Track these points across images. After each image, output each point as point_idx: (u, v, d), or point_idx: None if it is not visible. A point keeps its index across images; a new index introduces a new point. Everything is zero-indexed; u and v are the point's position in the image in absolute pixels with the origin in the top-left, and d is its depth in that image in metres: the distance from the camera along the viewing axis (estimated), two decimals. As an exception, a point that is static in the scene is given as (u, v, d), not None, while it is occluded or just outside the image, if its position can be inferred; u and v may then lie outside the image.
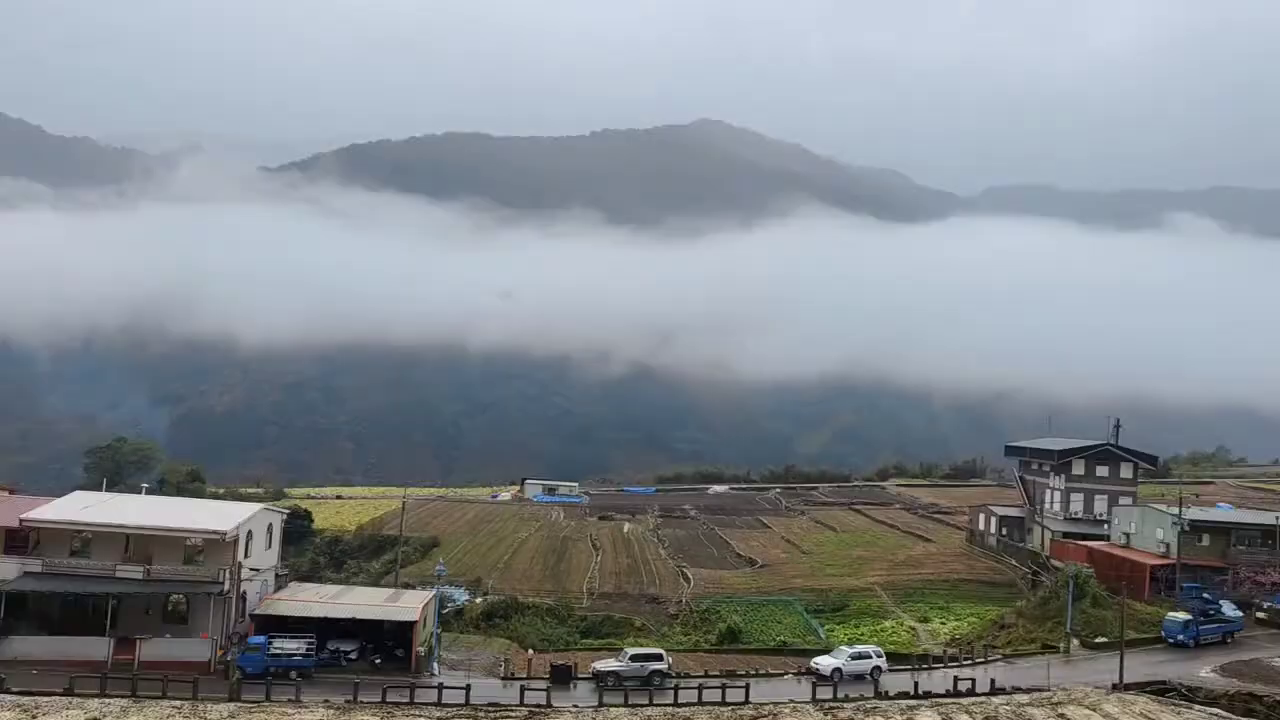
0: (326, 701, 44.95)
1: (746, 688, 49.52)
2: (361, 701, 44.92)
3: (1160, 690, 48.17)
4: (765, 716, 41.07)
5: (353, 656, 55.36)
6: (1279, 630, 63.66)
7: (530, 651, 66.21)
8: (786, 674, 57.06)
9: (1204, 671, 53.20)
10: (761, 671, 57.73)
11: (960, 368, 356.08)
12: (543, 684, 50.82)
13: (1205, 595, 66.76)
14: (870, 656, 56.29)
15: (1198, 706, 44.36)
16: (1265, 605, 67.19)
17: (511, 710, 44.72)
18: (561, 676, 53.70)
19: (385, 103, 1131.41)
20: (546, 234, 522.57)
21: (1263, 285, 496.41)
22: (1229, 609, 64.34)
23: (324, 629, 55.06)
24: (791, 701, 46.02)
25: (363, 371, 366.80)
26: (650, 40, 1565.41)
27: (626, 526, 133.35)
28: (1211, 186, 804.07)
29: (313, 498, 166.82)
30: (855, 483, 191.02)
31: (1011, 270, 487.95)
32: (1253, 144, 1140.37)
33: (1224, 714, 43.22)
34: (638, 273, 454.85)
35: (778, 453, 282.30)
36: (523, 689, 48.98)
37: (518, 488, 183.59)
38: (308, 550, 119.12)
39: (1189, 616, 61.36)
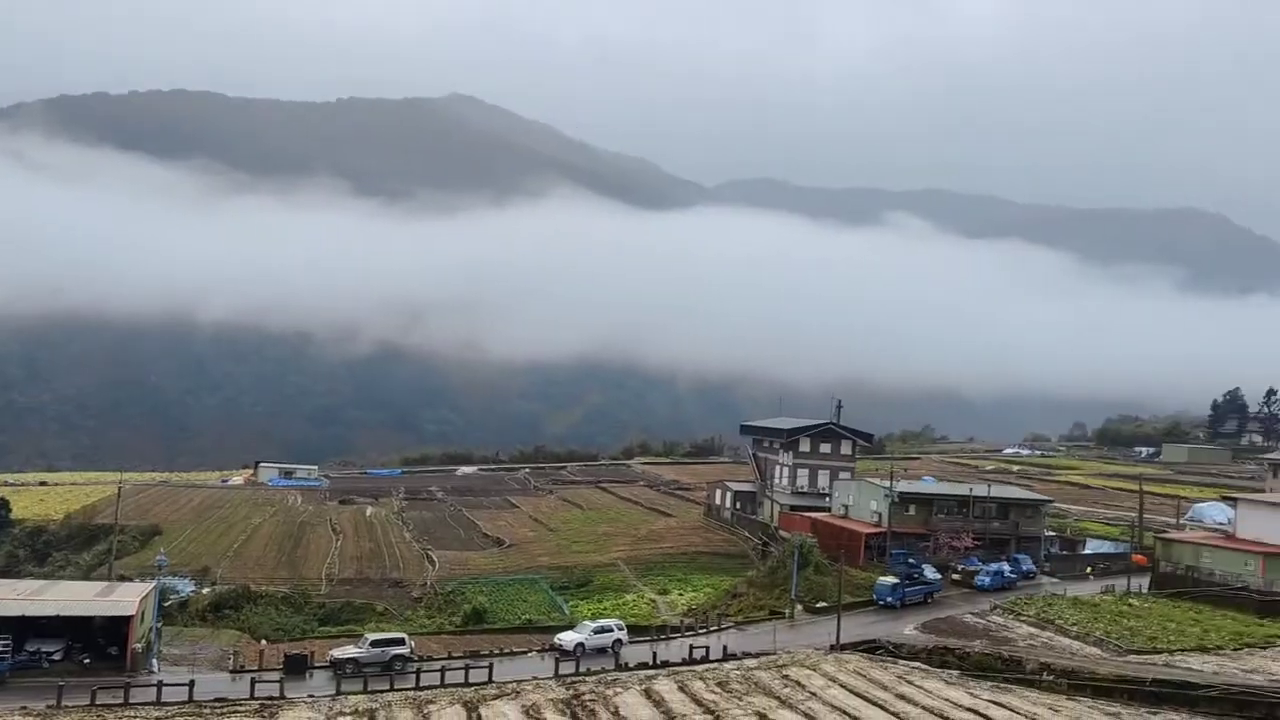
0: (24, 708, 40.74)
1: (490, 667, 49.49)
2: (66, 706, 41.05)
3: (871, 648, 52.60)
4: (509, 694, 41.28)
5: (56, 657, 50.38)
6: (970, 589, 71.22)
7: (263, 642, 62.99)
8: (531, 651, 57.55)
9: (908, 629, 58.66)
10: (506, 650, 57.90)
11: (703, 351, 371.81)
12: (276, 675, 48.50)
13: (910, 560, 73.49)
14: (612, 630, 57.80)
15: (902, 661, 48.81)
16: (959, 567, 74.98)
17: (241, 705, 42.39)
18: (296, 666, 51.46)
19: (104, 56, 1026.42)
20: (287, 202, 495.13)
21: (967, 281, 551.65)
22: (930, 572, 71.20)
23: (22, 629, 49.77)
24: (535, 678, 46.50)
25: (73, 345, 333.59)
26: (402, 7, 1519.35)
27: (369, 510, 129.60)
28: (925, 188, 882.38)
29: (11, 484, 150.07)
30: (603, 462, 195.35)
31: (751, 259, 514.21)
32: (960, 150, 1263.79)
33: (924, 666, 47.81)
34: (387, 247, 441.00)
35: (528, 433, 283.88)
36: (254, 681, 46.54)
37: (251, 471, 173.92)
38: (3, 542, 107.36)
39: (897, 580, 67.36)
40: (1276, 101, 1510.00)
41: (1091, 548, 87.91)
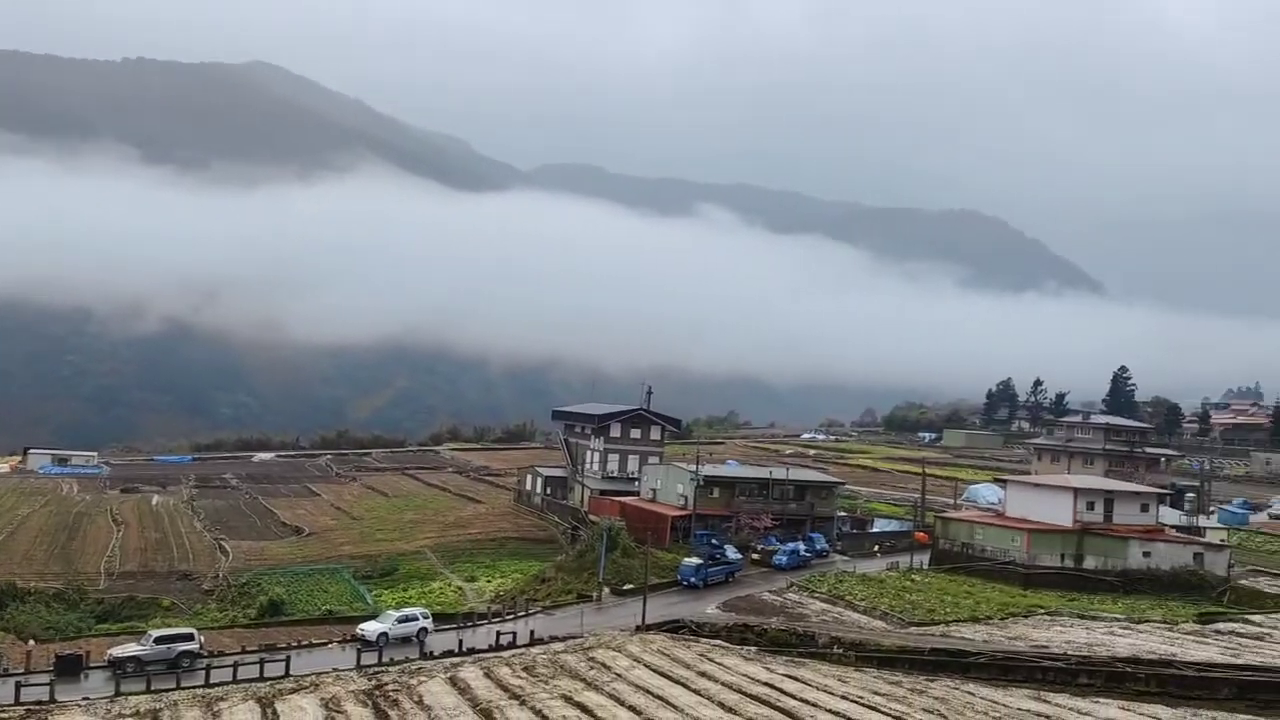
0: None
1: (287, 660, 47.61)
2: None
3: (675, 628, 54.02)
4: (307, 688, 39.80)
5: None
6: (769, 568, 74.30)
7: (31, 643, 58.14)
8: (332, 643, 55.77)
9: (710, 608, 60.60)
10: (305, 643, 55.85)
11: (516, 336, 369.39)
12: (45, 678, 44.89)
13: (714, 541, 75.88)
14: (417, 619, 56.83)
15: (704, 639, 50.36)
16: (759, 547, 78.10)
17: (4, 711, 38.96)
18: (69, 667, 47.82)
19: None
20: (66, 167, 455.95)
21: (771, 274, 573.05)
22: (732, 552, 73.78)
23: None
24: (335, 670, 45.03)
25: None
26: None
27: (155, 499, 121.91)
28: (734, 183, 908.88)
29: None
30: (410, 448, 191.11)
31: (565, 245, 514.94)
32: (767, 145, 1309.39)
33: (724, 643, 49.51)
34: (179, 219, 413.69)
35: (330, 418, 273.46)
36: (19, 685, 42.91)
37: (19, 458, 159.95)
38: None
39: (700, 561, 69.39)
40: (1050, 113, 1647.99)
41: (879, 527, 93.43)
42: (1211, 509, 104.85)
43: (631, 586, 66.21)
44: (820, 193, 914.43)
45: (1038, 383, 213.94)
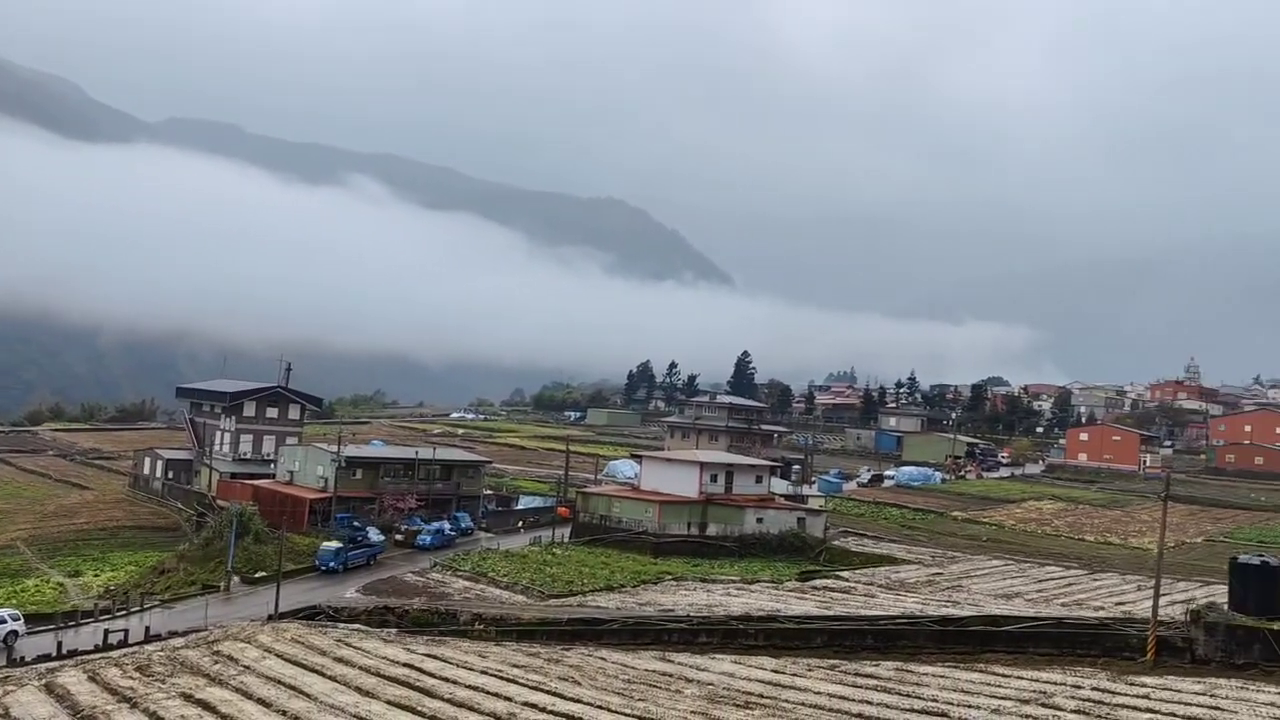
0: None
1: None
2: None
3: (311, 614, 51.91)
4: None
5: None
6: (413, 549, 73.47)
7: None
8: (-111, 657, 47.64)
9: (350, 592, 58.87)
10: None
11: (134, 304, 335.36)
12: None
13: (355, 524, 73.66)
14: (5, 621, 50.12)
15: (342, 625, 48.87)
16: (403, 528, 76.98)
17: None
18: None
19: None
20: None
21: (423, 251, 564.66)
22: (374, 534, 72.10)
23: None
24: (-106, 688, 38.53)
25: None
26: None
27: None
28: (384, 153, 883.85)
29: None
30: (2, 428, 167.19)
31: (197, 208, 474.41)
32: (419, 119, 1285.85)
33: (364, 627, 48.36)
34: None
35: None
36: None
37: None
38: None
39: (340, 545, 67.13)
40: (691, 112, 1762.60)
41: (524, 503, 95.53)
42: (813, 479, 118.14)
43: (265, 574, 62.66)
44: (473, 170, 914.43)
45: (673, 365, 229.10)
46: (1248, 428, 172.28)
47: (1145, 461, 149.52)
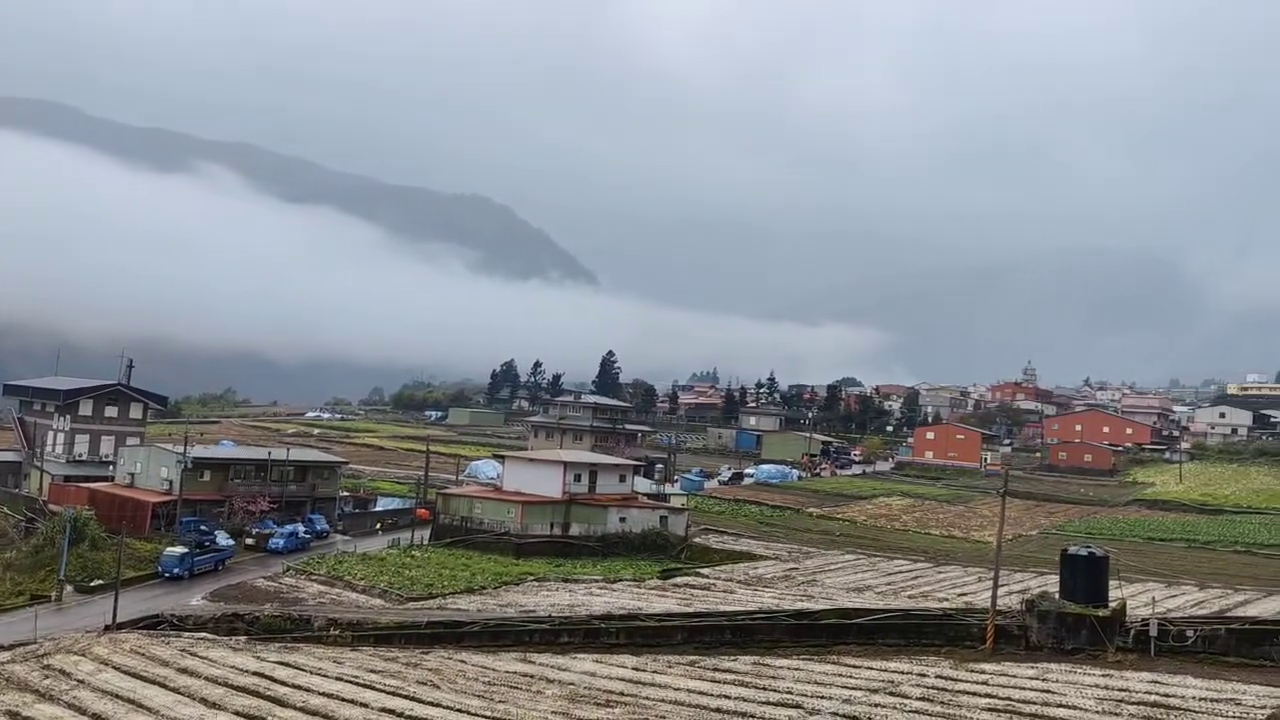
0: None
1: None
2: None
3: (153, 623, 49.34)
4: None
5: None
6: (263, 553, 70.72)
7: None
8: None
9: (195, 600, 56.21)
10: None
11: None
12: None
13: (203, 528, 70.43)
14: None
15: (187, 634, 46.65)
16: (254, 531, 74.01)
17: None
18: None
19: None
20: None
21: (280, 245, 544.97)
22: (223, 538, 69.02)
23: None
24: None
25: None
26: None
27: None
28: (238, 142, 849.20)
29: None
30: None
31: (31, 193, 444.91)
32: (274, 106, 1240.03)
33: (210, 636, 46.28)
34: None
35: None
36: None
37: None
38: None
39: (186, 550, 63.99)
40: (552, 109, 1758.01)
41: (383, 505, 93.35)
42: (676, 478, 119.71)
43: (102, 582, 59.22)
44: (331, 162, 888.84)
45: (537, 364, 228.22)
46: (1078, 427, 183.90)
47: (986, 459, 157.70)
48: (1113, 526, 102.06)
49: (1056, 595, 40.13)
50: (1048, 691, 31.62)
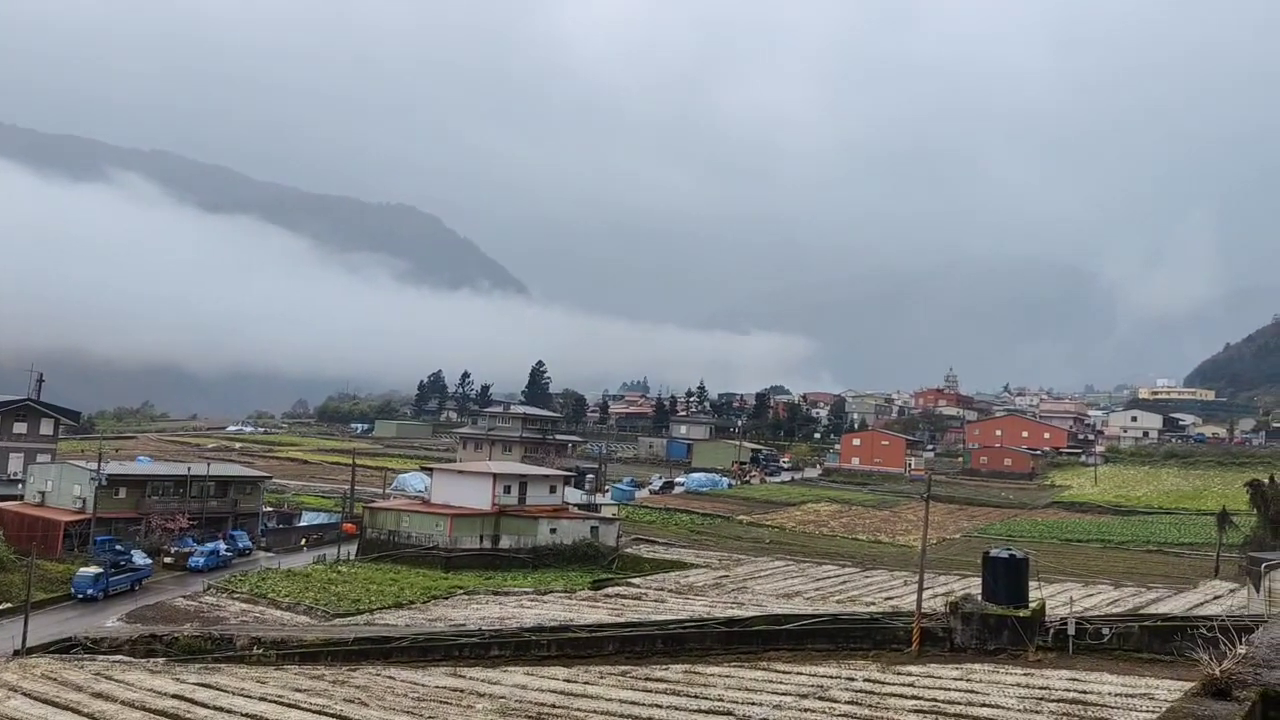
0: None
1: None
2: None
3: (66, 647, 47.63)
4: None
5: None
6: (183, 571, 68.76)
7: None
8: None
9: (111, 621, 54.38)
10: None
11: None
12: None
13: (119, 547, 68.23)
14: None
15: (101, 657, 45.13)
16: (172, 550, 71.91)
17: None
18: None
19: None
20: None
21: (200, 255, 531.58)
22: (140, 557, 66.93)
23: None
24: None
25: None
26: None
27: None
28: (154, 149, 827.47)
29: None
30: None
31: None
32: (187, 110, 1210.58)
33: (126, 659, 44.82)
34: None
35: None
36: None
37: None
38: None
39: (100, 570, 61.92)
40: (477, 117, 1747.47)
41: (307, 520, 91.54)
42: (606, 487, 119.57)
43: (10, 605, 56.94)
44: (251, 170, 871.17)
45: (465, 375, 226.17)
46: (998, 432, 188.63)
47: (910, 464, 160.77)
48: (1032, 529, 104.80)
49: (979, 597, 41.01)
50: (971, 691, 32.30)
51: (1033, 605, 39.46)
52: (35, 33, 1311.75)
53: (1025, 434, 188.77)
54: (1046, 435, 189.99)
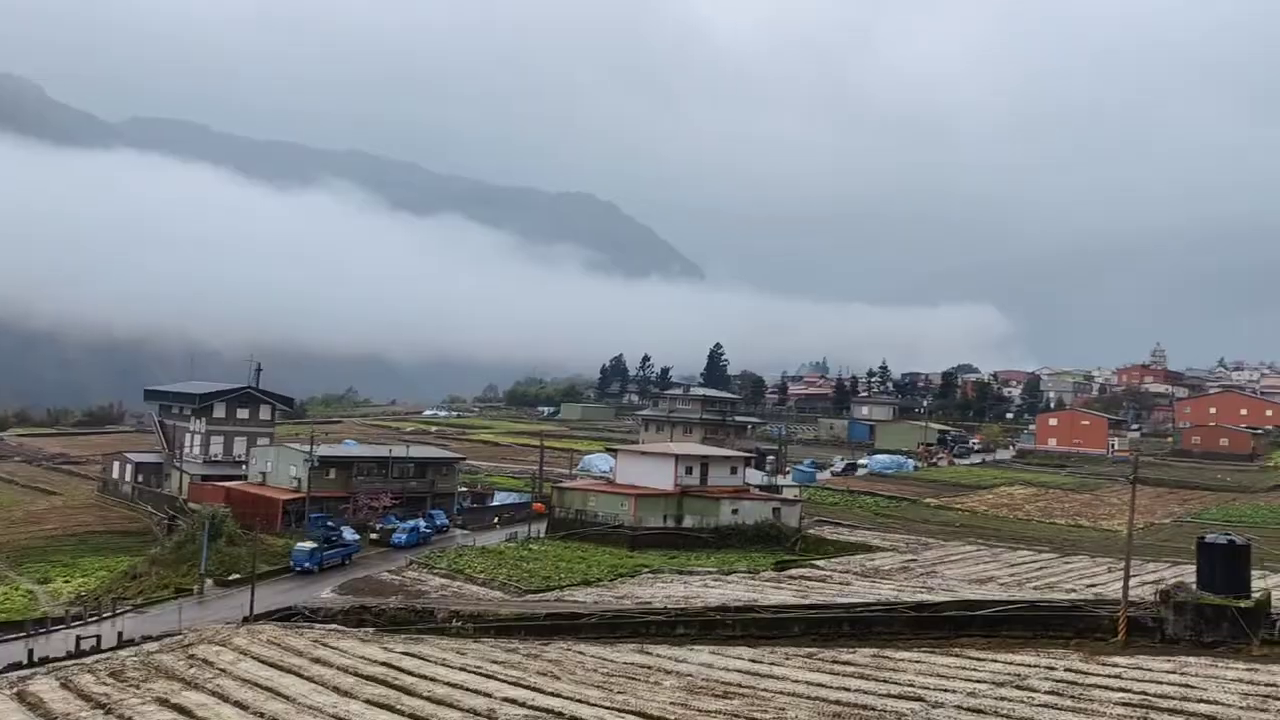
0: None
1: None
2: None
3: (287, 615, 51.55)
4: None
5: None
6: (388, 548, 73.13)
7: None
8: None
9: (325, 592, 58.49)
10: None
11: (102, 309, 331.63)
12: None
13: (330, 523, 73.20)
14: (-26, 630, 49.44)
15: (318, 625, 48.60)
16: (378, 527, 76.61)
17: None
18: None
19: None
20: None
21: (400, 252, 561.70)
22: (349, 533, 71.67)
23: None
24: None
25: None
26: None
27: None
28: (349, 149, 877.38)
29: None
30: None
31: (167, 211, 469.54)
32: (375, 112, 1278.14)
33: (340, 627, 48.12)
34: None
35: None
36: None
37: None
38: None
39: (315, 545, 66.67)
40: (632, 99, 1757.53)
41: (500, 499, 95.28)
42: (787, 469, 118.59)
43: (238, 576, 62.18)
44: (435, 165, 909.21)
45: (646, 359, 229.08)
46: (1212, 410, 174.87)
47: (1113, 445, 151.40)
48: (1254, 514, 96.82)
49: (1194, 586, 38.29)
50: (1187, 686, 30.21)
51: (1256, 595, 36.53)
52: (238, 52, 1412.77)
53: (1244, 411, 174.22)
54: (1269, 413, 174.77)
